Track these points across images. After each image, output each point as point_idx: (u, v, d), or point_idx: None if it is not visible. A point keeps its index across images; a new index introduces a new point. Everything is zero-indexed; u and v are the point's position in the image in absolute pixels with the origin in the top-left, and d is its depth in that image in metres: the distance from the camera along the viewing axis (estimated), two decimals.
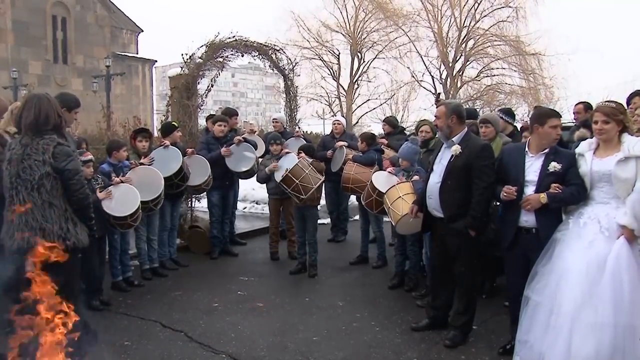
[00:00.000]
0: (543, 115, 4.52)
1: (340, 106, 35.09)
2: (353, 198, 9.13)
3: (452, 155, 4.84)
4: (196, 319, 5.63)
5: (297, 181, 6.85)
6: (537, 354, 4.09)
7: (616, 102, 4.25)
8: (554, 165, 4.33)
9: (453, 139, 4.88)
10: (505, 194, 4.45)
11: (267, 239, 8.43)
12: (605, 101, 4.28)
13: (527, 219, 4.43)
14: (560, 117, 4.57)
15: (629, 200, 3.90)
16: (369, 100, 35.89)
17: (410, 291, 6.54)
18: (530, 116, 4.90)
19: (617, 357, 3.76)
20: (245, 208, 12.17)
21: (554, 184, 4.29)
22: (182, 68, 9.39)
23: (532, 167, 4.45)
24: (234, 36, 9.55)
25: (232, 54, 9.80)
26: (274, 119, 9.85)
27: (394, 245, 7.13)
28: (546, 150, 4.43)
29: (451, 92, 33.28)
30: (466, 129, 4.99)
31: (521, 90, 33.49)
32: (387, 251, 7.78)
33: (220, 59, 9.70)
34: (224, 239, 8.47)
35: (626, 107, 4.25)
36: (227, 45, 9.54)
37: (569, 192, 4.25)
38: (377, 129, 24.90)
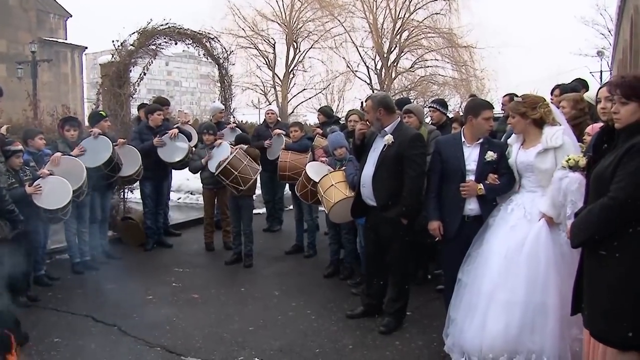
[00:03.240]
0: (478, 107, 4.66)
1: (276, 96, 34.96)
2: (288, 187, 9.14)
3: (385, 145, 4.92)
4: (130, 312, 5.51)
5: (236, 172, 6.79)
6: (459, 331, 4.30)
7: (526, 96, 4.47)
8: (491, 155, 4.49)
9: (386, 129, 4.97)
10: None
11: (201, 230, 8.34)
12: (507, 94, 4.55)
13: (472, 207, 4.56)
14: (493, 108, 4.71)
15: (548, 189, 4.10)
16: (304, 90, 35.90)
17: (346, 279, 6.62)
18: (465, 106, 5.03)
19: (525, 333, 3.97)
20: (179, 198, 11.99)
21: (492, 175, 4.45)
22: (113, 55, 9.14)
23: (471, 157, 4.58)
24: (167, 23, 9.40)
25: (165, 42, 9.64)
26: (220, 110, 9.62)
27: (329, 234, 7.19)
28: (481, 140, 4.58)
29: (386, 83, 33.71)
30: (399, 118, 5.10)
31: (454, 81, 34.24)
32: (322, 240, 7.83)
33: (153, 47, 9.52)
34: (158, 230, 8.33)
35: (542, 100, 4.43)
36: (159, 33, 9.37)
37: (504, 182, 4.45)
38: (313, 119, 25.04)
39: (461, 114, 10.88)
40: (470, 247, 4.45)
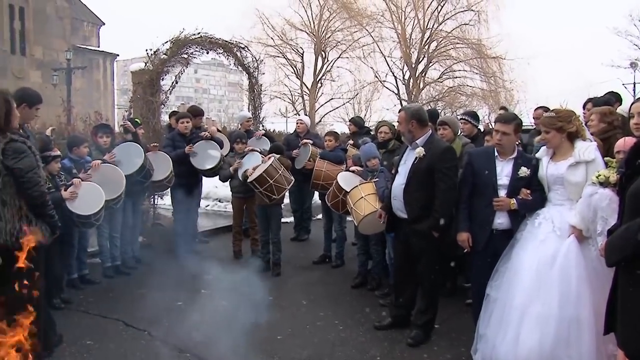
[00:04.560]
0: (495, 121, 4.67)
1: (304, 105, 35.08)
2: (316, 196, 9.17)
3: (416, 158, 4.92)
4: (159, 318, 5.57)
5: (271, 181, 6.85)
6: (491, 347, 4.29)
7: (559, 110, 4.47)
8: (524, 171, 4.49)
9: (417, 142, 4.97)
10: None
11: (229, 237, 8.39)
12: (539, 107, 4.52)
13: (502, 221, 4.58)
14: (507, 122, 4.62)
15: (578, 203, 4.09)
16: (332, 99, 35.99)
17: (373, 290, 6.62)
18: None
19: (560, 348, 3.95)
20: (207, 206, 12.06)
21: (525, 190, 4.45)
22: (146, 64, 9.30)
23: (504, 172, 4.59)
24: (199, 33, 9.53)
25: (196, 51, 9.77)
26: (248, 119, 9.69)
27: (357, 244, 7.19)
28: (514, 155, 4.57)
29: (414, 93, 33.62)
30: (430, 131, 5.09)
31: (482, 92, 34.01)
32: (350, 250, 7.84)
33: (185, 56, 9.66)
34: (187, 236, 8.39)
35: (574, 114, 4.41)
36: (192, 42, 9.52)
37: (536, 198, 4.45)
38: (340, 128, 25.05)
39: (491, 126, 10.87)
40: (498, 262, 4.46)
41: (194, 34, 9.48)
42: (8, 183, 3.97)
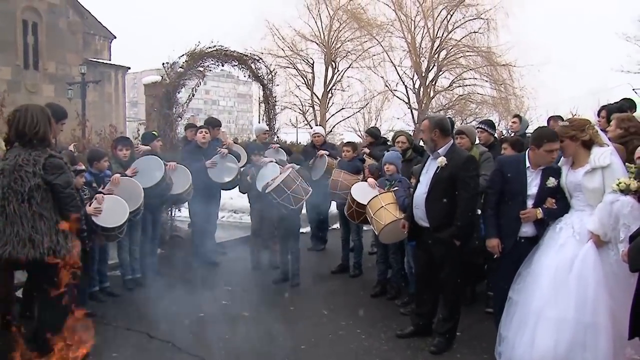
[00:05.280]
0: (541, 138, 4.66)
1: (314, 115, 35.11)
2: (333, 207, 9.19)
3: (438, 167, 4.97)
4: (183, 329, 5.61)
5: (289, 192, 6.89)
6: (511, 347, 4.38)
7: (572, 119, 4.58)
8: (552, 181, 4.55)
9: (439, 151, 5.01)
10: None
11: (247, 248, 8.42)
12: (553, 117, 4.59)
13: (527, 230, 4.65)
14: (557, 140, 4.66)
15: (597, 209, 4.13)
16: (342, 109, 35.93)
17: (393, 299, 6.64)
18: (531, 134, 5.09)
19: (576, 352, 3.99)
20: (223, 217, 12.07)
21: (550, 199, 4.52)
22: (162, 77, 9.39)
23: (533, 182, 4.66)
24: (214, 45, 9.60)
25: (212, 63, 9.84)
26: (264, 131, 9.75)
27: (375, 253, 7.21)
28: (543, 167, 4.62)
29: (424, 102, 33.62)
30: (452, 141, 5.14)
31: (492, 100, 33.95)
32: (367, 260, 7.87)
33: (201, 69, 9.73)
34: (205, 248, 8.43)
35: (588, 122, 4.47)
36: (207, 55, 9.57)
37: (561, 207, 4.52)
38: (350, 138, 25.01)
39: (503, 134, 10.86)
40: (521, 267, 4.53)
41: (210, 47, 9.56)
42: (46, 198, 4.07)
